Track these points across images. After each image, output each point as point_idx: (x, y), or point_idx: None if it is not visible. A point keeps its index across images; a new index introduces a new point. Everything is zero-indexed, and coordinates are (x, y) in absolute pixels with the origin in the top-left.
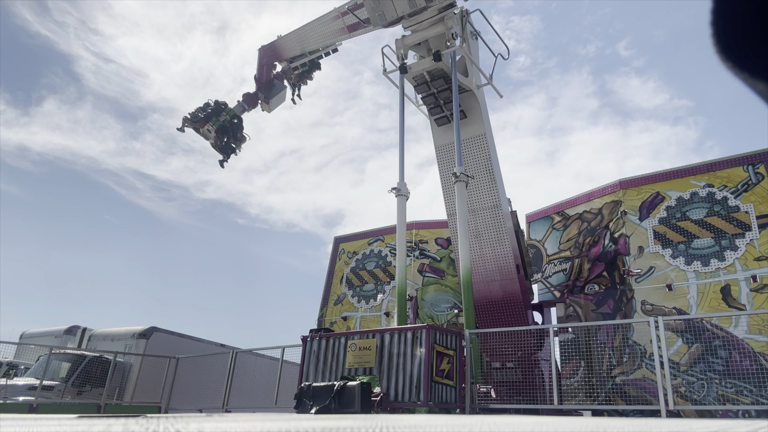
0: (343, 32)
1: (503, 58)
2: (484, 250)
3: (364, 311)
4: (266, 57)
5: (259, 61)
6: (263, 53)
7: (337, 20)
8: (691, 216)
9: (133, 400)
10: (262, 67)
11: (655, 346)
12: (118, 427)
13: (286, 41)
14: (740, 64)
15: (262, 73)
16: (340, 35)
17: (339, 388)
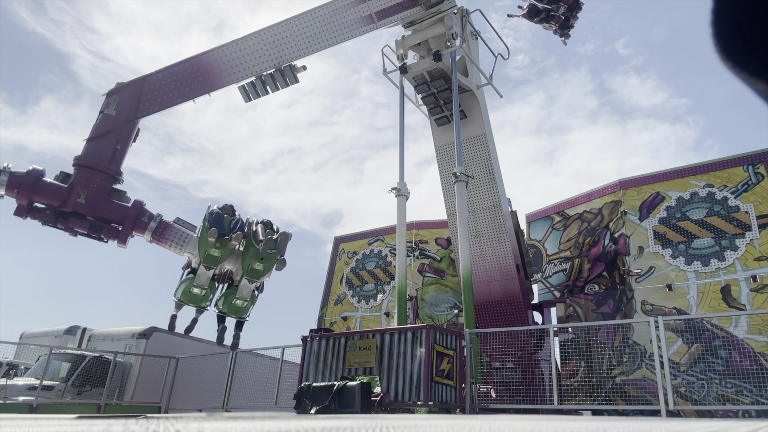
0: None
1: (503, 58)
2: (484, 250)
3: (364, 311)
4: None
5: None
6: None
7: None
8: (691, 216)
9: (133, 400)
10: None
11: (655, 346)
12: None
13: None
14: (740, 63)
15: None
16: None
17: (339, 388)
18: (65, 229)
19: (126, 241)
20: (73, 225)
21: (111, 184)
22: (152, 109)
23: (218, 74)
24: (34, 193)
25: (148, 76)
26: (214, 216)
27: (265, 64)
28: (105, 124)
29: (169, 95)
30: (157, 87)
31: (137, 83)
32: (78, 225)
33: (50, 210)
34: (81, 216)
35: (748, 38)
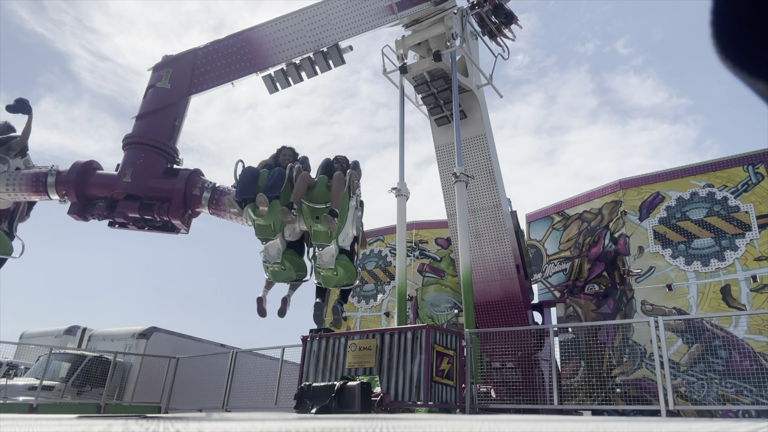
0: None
1: (503, 58)
2: (484, 250)
3: (364, 311)
4: None
5: None
6: None
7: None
8: (691, 216)
9: (133, 400)
10: None
11: (655, 346)
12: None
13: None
14: (740, 63)
15: None
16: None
17: (339, 388)
18: (122, 220)
19: (183, 219)
20: (123, 209)
21: (167, 164)
22: (205, 85)
23: (265, 52)
24: (84, 187)
25: (200, 49)
26: (243, 174)
27: (308, 45)
28: (160, 98)
29: (220, 71)
30: (208, 61)
31: (189, 56)
32: (128, 208)
33: (104, 201)
34: (132, 198)
35: (747, 38)
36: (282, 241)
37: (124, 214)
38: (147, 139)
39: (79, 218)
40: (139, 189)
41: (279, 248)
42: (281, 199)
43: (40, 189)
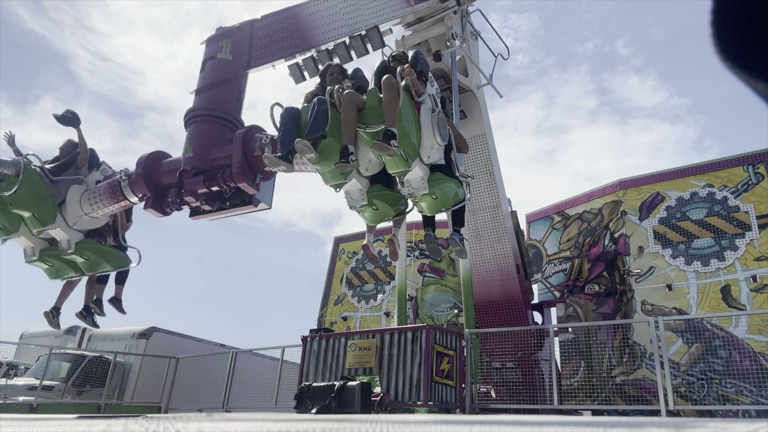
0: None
1: (503, 58)
2: (484, 250)
3: (364, 311)
4: None
5: None
6: None
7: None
8: (691, 216)
9: (133, 400)
10: None
11: (655, 346)
12: (118, 427)
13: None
14: (740, 63)
15: None
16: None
17: (339, 388)
18: (192, 200)
19: (252, 183)
20: (190, 187)
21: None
22: (262, 60)
23: (308, 32)
24: (154, 178)
25: (255, 21)
26: (282, 120)
27: (344, 29)
28: (222, 70)
29: (274, 46)
30: (264, 35)
31: (246, 27)
32: (194, 184)
33: (175, 187)
34: (198, 174)
35: (747, 38)
36: (360, 179)
37: (193, 191)
38: (209, 110)
39: (158, 213)
40: (203, 161)
41: (360, 188)
42: (330, 136)
43: (119, 197)
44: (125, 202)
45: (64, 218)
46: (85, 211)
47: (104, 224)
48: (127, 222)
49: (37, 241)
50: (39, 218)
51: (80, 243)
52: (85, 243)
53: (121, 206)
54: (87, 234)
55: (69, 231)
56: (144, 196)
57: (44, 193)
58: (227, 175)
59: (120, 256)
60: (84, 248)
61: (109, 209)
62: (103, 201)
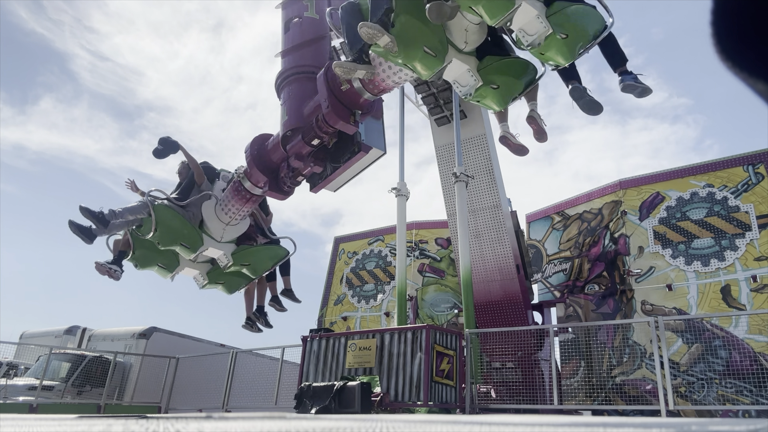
0: None
1: None
2: (484, 250)
3: (364, 311)
4: None
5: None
6: None
7: None
8: (691, 216)
9: (133, 400)
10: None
11: (655, 346)
12: (118, 427)
13: None
14: (740, 63)
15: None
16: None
17: (339, 388)
18: (299, 165)
19: (352, 120)
20: (294, 150)
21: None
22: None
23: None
24: (265, 162)
25: None
26: (342, 19)
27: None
28: (312, 29)
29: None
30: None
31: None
32: (296, 147)
33: (284, 162)
34: (299, 135)
35: (747, 38)
36: (464, 57)
37: (298, 154)
38: (299, 68)
39: (279, 195)
40: (298, 119)
41: (467, 68)
42: (402, 13)
43: (245, 195)
44: (252, 196)
45: (211, 236)
46: (224, 221)
47: (248, 227)
48: (267, 216)
49: (200, 266)
50: (189, 246)
51: (235, 253)
52: (240, 251)
53: (251, 203)
54: (237, 242)
55: (220, 246)
56: (264, 183)
57: (181, 221)
58: (321, 121)
59: (276, 250)
60: (241, 256)
61: (243, 210)
62: (234, 205)
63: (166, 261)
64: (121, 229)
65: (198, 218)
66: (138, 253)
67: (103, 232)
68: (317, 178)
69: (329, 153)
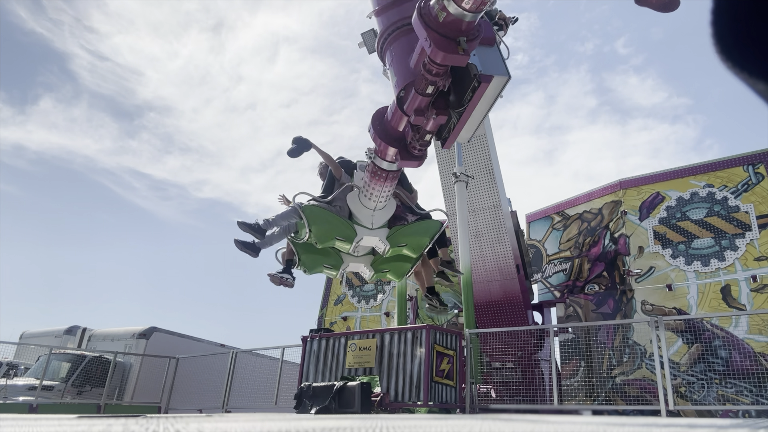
0: None
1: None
2: (484, 250)
3: (364, 311)
4: None
5: None
6: None
7: None
8: (691, 216)
9: (133, 400)
10: None
11: (655, 346)
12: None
13: None
14: (740, 63)
15: None
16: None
17: (339, 388)
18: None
19: (456, 49)
20: (412, 106)
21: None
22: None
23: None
24: (390, 133)
25: None
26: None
27: None
28: None
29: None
30: None
31: None
32: (413, 101)
33: (407, 125)
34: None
35: (747, 38)
36: (357, 260)
37: (417, 109)
38: (399, 22)
39: (412, 162)
40: (407, 75)
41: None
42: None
43: (381, 174)
44: (388, 174)
45: (362, 225)
46: (370, 207)
47: (396, 208)
48: (411, 193)
49: (362, 259)
50: (344, 239)
51: (390, 236)
52: (393, 233)
53: (390, 181)
54: (389, 225)
55: (373, 233)
56: (395, 156)
57: (331, 216)
58: (428, 63)
59: (429, 224)
60: (396, 238)
61: (385, 191)
62: (375, 188)
63: (331, 261)
64: (281, 239)
65: (346, 211)
66: (303, 258)
67: (264, 244)
68: (445, 131)
69: (450, 101)
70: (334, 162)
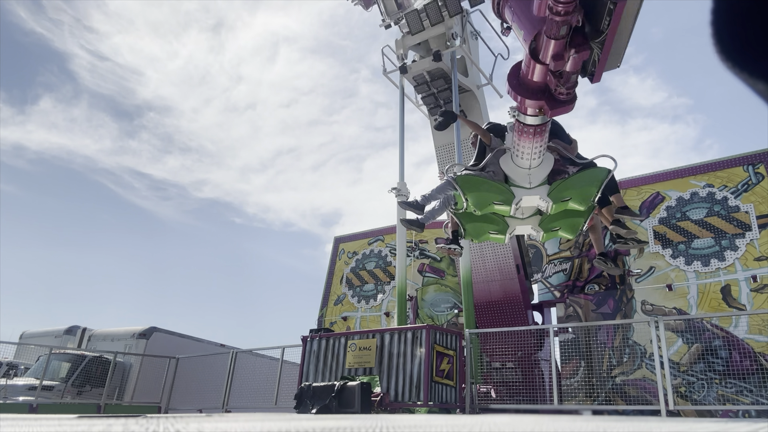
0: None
1: (503, 58)
2: (484, 250)
3: (364, 311)
4: None
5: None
6: None
7: None
8: (691, 216)
9: (133, 400)
10: None
11: (655, 346)
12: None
13: None
14: (740, 63)
15: None
16: None
17: (339, 388)
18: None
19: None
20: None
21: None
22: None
23: None
24: (530, 85)
25: None
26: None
27: None
28: None
29: None
30: None
31: None
32: (547, 46)
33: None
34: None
35: (748, 38)
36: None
37: (556, 54)
38: None
39: (563, 108)
40: (533, 24)
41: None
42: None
43: (530, 131)
44: (536, 129)
45: (519, 186)
46: (524, 167)
47: (554, 162)
48: (570, 144)
49: (529, 221)
50: (502, 202)
51: (551, 193)
52: (554, 189)
53: (539, 135)
54: (548, 181)
55: (532, 192)
56: (540, 108)
57: (485, 182)
58: (552, 3)
59: (594, 172)
60: (558, 194)
61: (537, 147)
62: (525, 146)
63: (496, 227)
64: (442, 212)
65: (500, 175)
66: (468, 228)
67: (427, 219)
68: (590, 65)
69: (587, 33)
70: (482, 129)
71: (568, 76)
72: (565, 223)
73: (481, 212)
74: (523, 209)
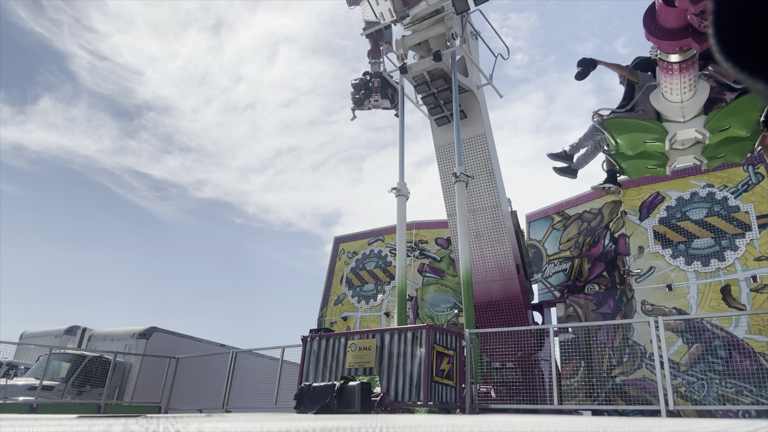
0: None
1: (503, 58)
2: (484, 250)
3: (364, 311)
4: None
5: None
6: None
7: None
8: (691, 216)
9: (133, 400)
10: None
11: (655, 346)
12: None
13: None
14: (740, 64)
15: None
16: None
17: (339, 388)
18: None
19: None
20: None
21: None
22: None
23: None
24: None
25: None
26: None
27: None
28: None
29: None
30: None
31: None
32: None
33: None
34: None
35: (747, 38)
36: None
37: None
38: None
39: (695, 44)
40: None
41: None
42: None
43: (675, 68)
44: (681, 64)
45: (672, 120)
46: (675, 100)
47: (709, 90)
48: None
49: (690, 150)
50: (654, 140)
51: (707, 124)
52: (711, 118)
53: (687, 70)
54: (704, 112)
55: (687, 125)
56: (684, 47)
57: (633, 123)
58: None
59: (755, 96)
60: (715, 123)
61: (686, 81)
62: (673, 82)
63: (654, 161)
64: (594, 156)
65: (651, 112)
66: (625, 166)
67: (579, 165)
68: None
69: None
70: (627, 69)
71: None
72: (732, 149)
73: (633, 153)
74: (680, 142)
